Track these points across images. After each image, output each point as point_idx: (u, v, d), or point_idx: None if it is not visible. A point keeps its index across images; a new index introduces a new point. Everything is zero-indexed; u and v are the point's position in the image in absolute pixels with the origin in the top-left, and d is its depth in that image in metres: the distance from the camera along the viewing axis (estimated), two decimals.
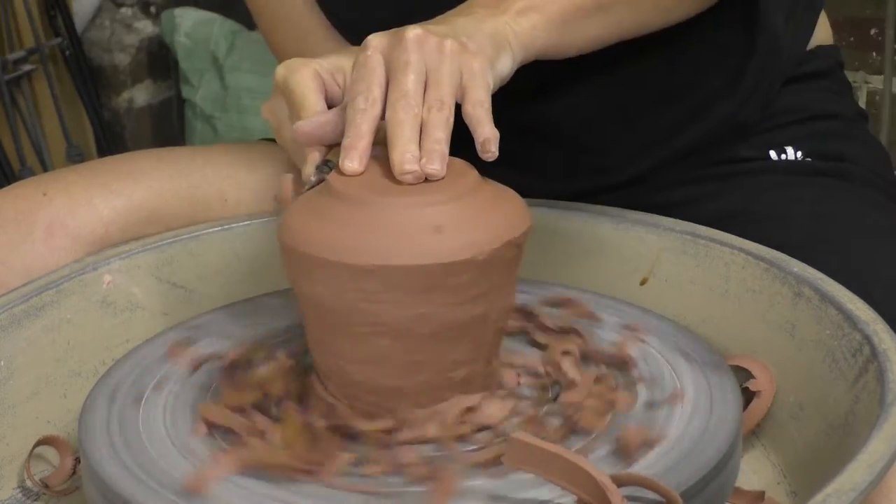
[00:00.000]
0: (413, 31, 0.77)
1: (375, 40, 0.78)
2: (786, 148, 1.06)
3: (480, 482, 0.68)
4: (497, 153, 0.75)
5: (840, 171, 1.04)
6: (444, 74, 0.76)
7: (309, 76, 0.83)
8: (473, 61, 0.77)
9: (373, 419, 0.73)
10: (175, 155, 1.08)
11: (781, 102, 1.08)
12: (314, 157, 0.79)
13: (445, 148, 0.74)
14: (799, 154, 1.06)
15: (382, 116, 0.76)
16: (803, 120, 1.08)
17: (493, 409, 0.75)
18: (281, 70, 0.85)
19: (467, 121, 0.76)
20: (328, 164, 0.79)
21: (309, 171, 0.79)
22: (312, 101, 0.81)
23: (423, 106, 0.75)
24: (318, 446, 0.72)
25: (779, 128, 1.07)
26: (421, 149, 0.74)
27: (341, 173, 0.75)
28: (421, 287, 0.70)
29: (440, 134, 0.74)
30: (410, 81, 0.76)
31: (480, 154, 0.75)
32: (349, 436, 0.73)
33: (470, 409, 0.74)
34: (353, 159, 0.75)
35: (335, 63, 0.85)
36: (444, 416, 0.74)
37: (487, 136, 0.75)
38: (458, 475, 0.68)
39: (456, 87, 0.76)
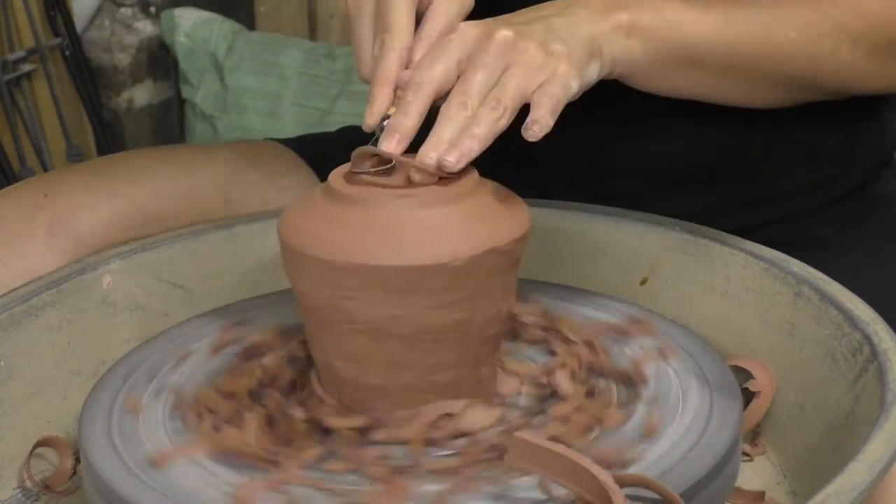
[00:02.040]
0: (503, 34, 0.76)
1: (465, 29, 0.77)
2: None
3: (435, 488, 0.67)
4: (538, 136, 0.74)
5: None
6: (513, 79, 0.75)
7: None
8: (560, 65, 0.76)
9: (353, 416, 0.74)
10: (176, 154, 1.07)
11: None
12: (382, 101, 0.77)
13: (475, 145, 0.73)
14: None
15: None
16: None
17: (476, 417, 0.74)
18: None
19: (531, 106, 0.75)
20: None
21: (373, 121, 0.77)
22: (402, 23, 0.79)
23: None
24: (292, 438, 0.73)
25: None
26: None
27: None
28: (398, 288, 0.70)
29: (478, 130, 0.73)
30: (477, 81, 0.75)
31: (523, 130, 0.74)
32: (324, 430, 0.74)
33: (449, 415, 0.74)
34: (392, 141, 0.74)
35: None
36: (422, 419, 0.74)
37: (537, 118, 0.74)
38: (409, 480, 0.68)
39: (523, 94, 0.75)
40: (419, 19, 0.80)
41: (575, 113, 0.95)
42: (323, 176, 0.77)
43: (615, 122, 1.00)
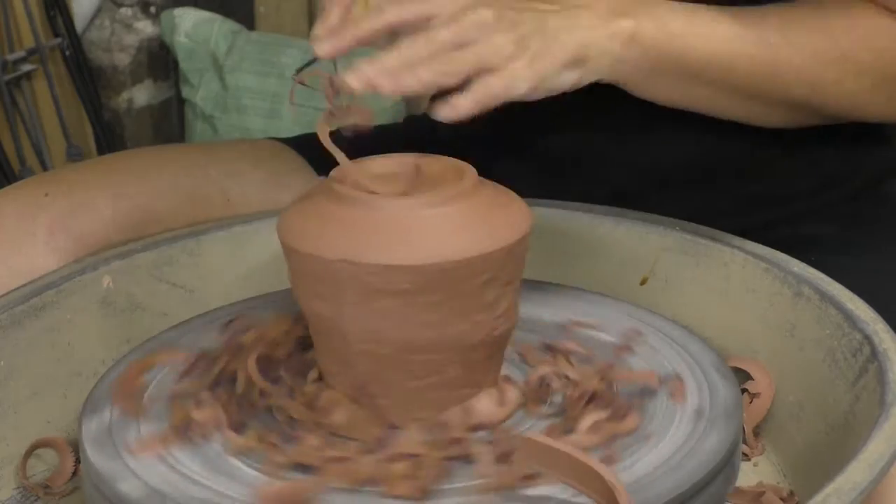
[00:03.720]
0: (484, 13, 0.76)
1: None
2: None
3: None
4: (445, 119, 0.74)
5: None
6: (472, 53, 0.75)
7: None
8: (519, 62, 0.76)
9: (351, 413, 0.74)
10: (177, 152, 1.07)
11: None
12: (334, 16, 0.77)
13: (413, 84, 0.73)
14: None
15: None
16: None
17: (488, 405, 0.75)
18: None
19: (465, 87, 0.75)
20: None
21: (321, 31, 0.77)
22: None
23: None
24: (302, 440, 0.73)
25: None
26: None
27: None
28: (398, 288, 0.69)
29: (423, 73, 0.73)
30: (442, 35, 0.75)
31: (433, 105, 0.74)
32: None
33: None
34: (324, 42, 0.76)
35: None
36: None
37: (457, 104, 0.74)
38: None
39: (476, 70, 0.75)
40: None
41: (577, 111, 0.95)
42: (324, 175, 0.77)
43: (617, 121, 1.00)
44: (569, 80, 0.80)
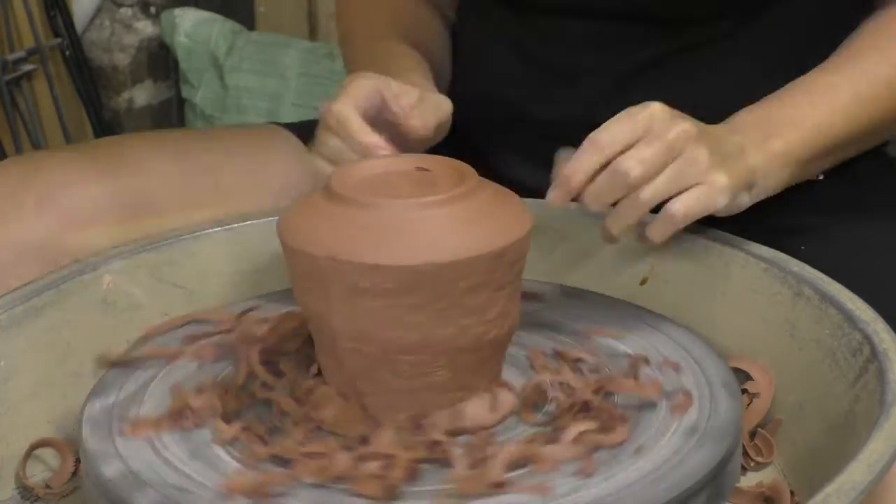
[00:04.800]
0: (687, 125, 0.81)
1: (655, 107, 0.82)
2: None
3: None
4: (648, 243, 0.85)
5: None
6: (667, 181, 0.81)
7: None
8: (720, 176, 0.82)
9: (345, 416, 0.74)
10: (172, 139, 1.07)
11: None
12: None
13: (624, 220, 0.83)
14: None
15: None
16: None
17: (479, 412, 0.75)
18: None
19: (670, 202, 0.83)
20: None
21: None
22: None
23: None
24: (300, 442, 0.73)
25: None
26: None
27: None
28: (396, 288, 0.69)
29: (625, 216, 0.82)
30: (650, 153, 0.80)
31: (643, 233, 0.85)
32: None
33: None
34: (561, 192, 0.83)
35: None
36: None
37: (655, 232, 0.83)
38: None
39: (666, 196, 0.81)
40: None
41: (580, 118, 0.95)
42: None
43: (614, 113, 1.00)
44: (743, 202, 0.87)
